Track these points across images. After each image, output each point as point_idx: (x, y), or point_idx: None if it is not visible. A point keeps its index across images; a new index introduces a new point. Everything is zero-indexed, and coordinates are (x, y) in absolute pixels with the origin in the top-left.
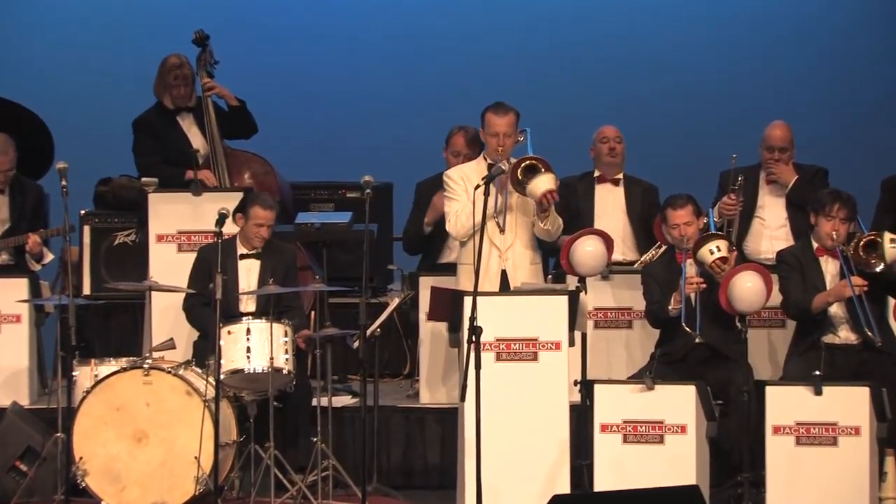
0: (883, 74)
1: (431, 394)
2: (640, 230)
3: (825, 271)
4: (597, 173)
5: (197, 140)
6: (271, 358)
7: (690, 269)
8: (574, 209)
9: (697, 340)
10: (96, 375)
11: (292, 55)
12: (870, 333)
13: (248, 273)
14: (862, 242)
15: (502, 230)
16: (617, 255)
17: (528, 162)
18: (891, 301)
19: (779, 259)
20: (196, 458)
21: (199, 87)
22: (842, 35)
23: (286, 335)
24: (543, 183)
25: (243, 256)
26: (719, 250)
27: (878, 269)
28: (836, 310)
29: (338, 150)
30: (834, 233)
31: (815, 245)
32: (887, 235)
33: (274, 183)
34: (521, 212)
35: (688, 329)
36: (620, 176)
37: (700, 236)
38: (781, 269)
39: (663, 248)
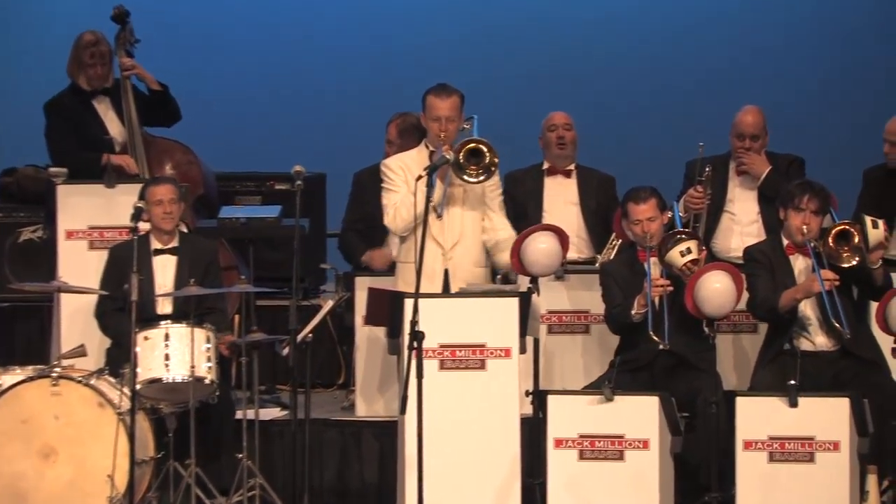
0: (865, 51)
1: (368, 406)
2: (596, 225)
3: (795, 269)
4: (546, 164)
5: (114, 126)
6: (192, 366)
7: (655, 269)
8: (521, 204)
9: (662, 348)
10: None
11: (218, 36)
12: (838, 326)
13: (164, 270)
14: (833, 232)
15: (439, 216)
16: (572, 254)
17: (471, 145)
18: (872, 305)
19: (746, 256)
20: (109, 476)
21: (117, 69)
22: (816, 12)
23: (208, 341)
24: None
25: (158, 252)
26: (690, 252)
27: (853, 263)
28: (810, 314)
29: (266, 137)
30: (804, 227)
31: (784, 242)
32: (867, 219)
33: (197, 173)
34: (467, 204)
35: (655, 337)
36: (572, 167)
37: (667, 235)
38: (749, 266)
39: (617, 243)
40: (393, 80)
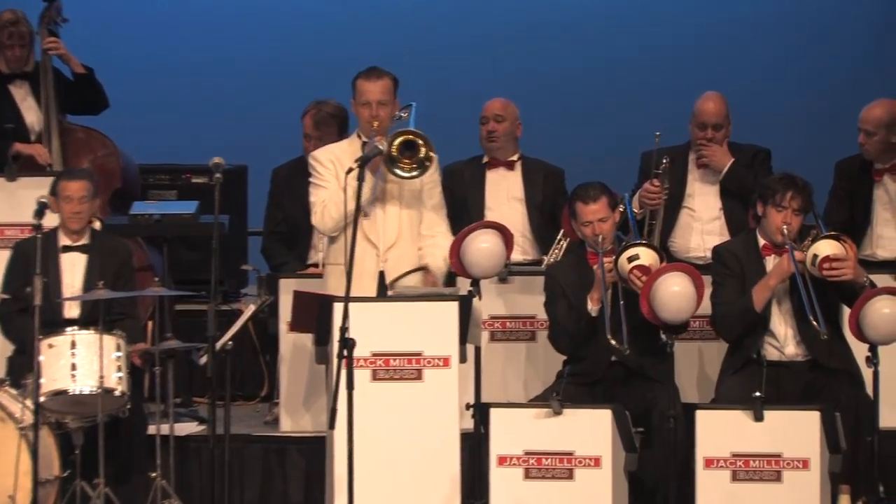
0: (835, 32)
1: (294, 420)
2: (542, 223)
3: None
4: (486, 158)
5: (31, 113)
6: (101, 377)
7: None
8: (461, 200)
9: (624, 352)
10: None
11: (140, 20)
12: (814, 323)
13: (72, 269)
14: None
15: (366, 215)
16: (516, 255)
17: (405, 137)
18: (844, 314)
19: (715, 256)
20: (10, 497)
21: (40, 52)
22: None
23: (119, 349)
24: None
25: (66, 249)
26: (638, 258)
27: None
28: (778, 320)
29: (182, 126)
30: (785, 226)
31: (761, 241)
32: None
33: (116, 166)
34: (404, 202)
35: (614, 341)
36: (516, 157)
37: (616, 238)
38: (716, 269)
39: (565, 242)
40: (320, 66)
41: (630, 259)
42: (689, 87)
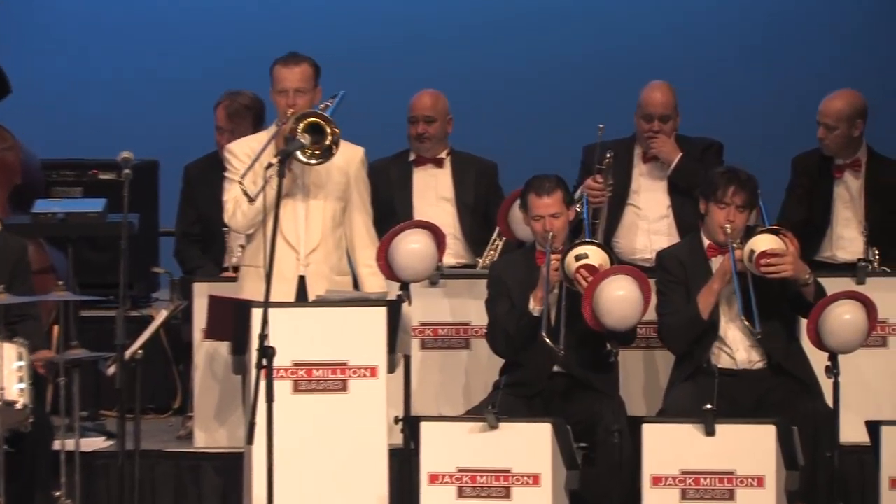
0: (790, 18)
1: (209, 435)
2: (475, 223)
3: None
4: (413, 155)
5: None
6: (1, 388)
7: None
8: (387, 199)
9: (556, 367)
10: None
11: (45, 5)
12: (746, 322)
13: None
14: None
15: (251, 200)
16: (448, 258)
17: (311, 119)
18: (802, 322)
19: (658, 263)
20: None
21: None
22: None
23: (21, 358)
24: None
25: None
26: (587, 257)
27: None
28: (728, 324)
29: (88, 119)
30: (728, 224)
31: (705, 242)
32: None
33: (16, 160)
34: (329, 200)
35: (548, 341)
36: (444, 153)
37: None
38: (660, 277)
39: (501, 242)
40: (234, 56)
41: (578, 258)
42: (636, 77)
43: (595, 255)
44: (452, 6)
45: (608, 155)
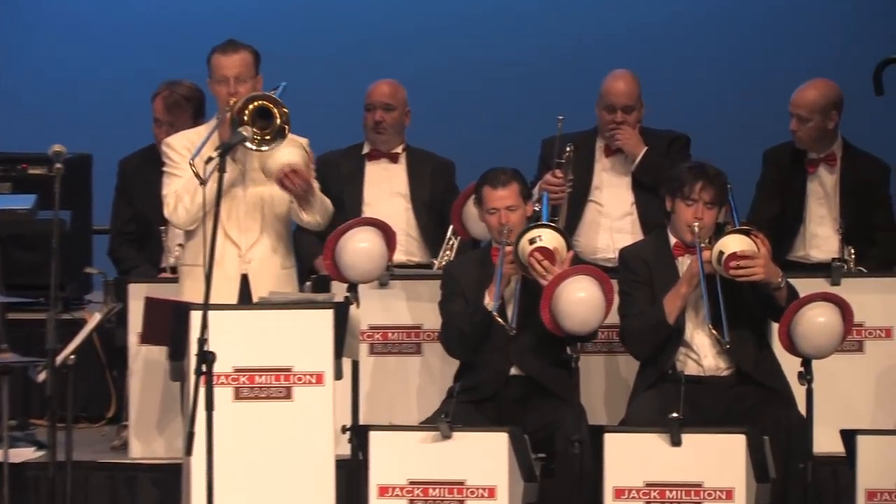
0: (756, 6)
1: (145, 445)
2: (430, 221)
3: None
4: (367, 148)
5: None
6: None
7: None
8: (337, 194)
9: (514, 370)
10: None
11: None
12: (713, 331)
13: None
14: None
15: (203, 182)
16: (399, 256)
17: (258, 103)
18: (774, 326)
19: (621, 262)
20: None
21: None
22: None
23: None
24: (284, 155)
25: None
26: (541, 240)
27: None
28: (695, 329)
29: (16, 111)
30: (696, 223)
31: (672, 240)
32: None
33: None
34: (267, 187)
35: (500, 320)
36: (400, 149)
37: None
38: (622, 277)
39: (456, 242)
40: (172, 44)
41: (532, 241)
42: (597, 68)
43: (549, 238)
44: (407, 4)
45: (568, 148)
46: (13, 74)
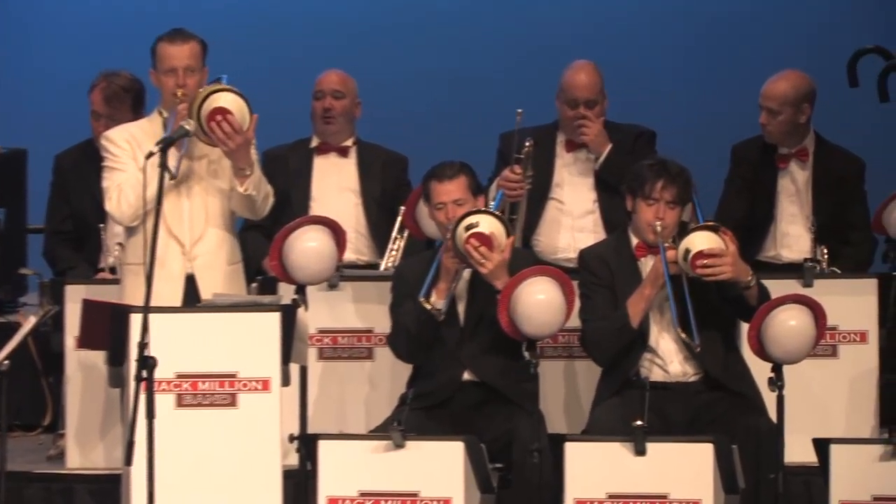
0: None
1: (83, 455)
2: (381, 218)
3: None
4: (315, 141)
5: None
6: None
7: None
8: (284, 190)
9: (468, 375)
10: None
11: None
12: (683, 335)
13: None
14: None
15: (173, 177)
16: (349, 255)
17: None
18: (743, 329)
19: (581, 263)
20: None
21: None
22: None
23: None
24: (218, 99)
25: None
26: (478, 225)
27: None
28: (660, 333)
29: None
30: (658, 222)
31: (633, 241)
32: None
33: None
34: (213, 184)
35: (424, 302)
36: (350, 142)
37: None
38: (583, 279)
39: (401, 240)
40: (112, 34)
41: (468, 227)
42: (558, 59)
43: (486, 223)
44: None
45: (527, 143)
46: None
